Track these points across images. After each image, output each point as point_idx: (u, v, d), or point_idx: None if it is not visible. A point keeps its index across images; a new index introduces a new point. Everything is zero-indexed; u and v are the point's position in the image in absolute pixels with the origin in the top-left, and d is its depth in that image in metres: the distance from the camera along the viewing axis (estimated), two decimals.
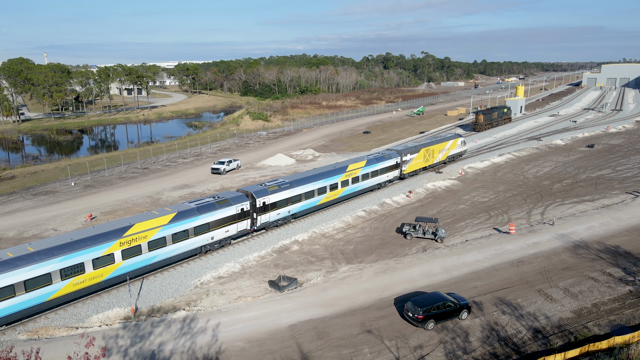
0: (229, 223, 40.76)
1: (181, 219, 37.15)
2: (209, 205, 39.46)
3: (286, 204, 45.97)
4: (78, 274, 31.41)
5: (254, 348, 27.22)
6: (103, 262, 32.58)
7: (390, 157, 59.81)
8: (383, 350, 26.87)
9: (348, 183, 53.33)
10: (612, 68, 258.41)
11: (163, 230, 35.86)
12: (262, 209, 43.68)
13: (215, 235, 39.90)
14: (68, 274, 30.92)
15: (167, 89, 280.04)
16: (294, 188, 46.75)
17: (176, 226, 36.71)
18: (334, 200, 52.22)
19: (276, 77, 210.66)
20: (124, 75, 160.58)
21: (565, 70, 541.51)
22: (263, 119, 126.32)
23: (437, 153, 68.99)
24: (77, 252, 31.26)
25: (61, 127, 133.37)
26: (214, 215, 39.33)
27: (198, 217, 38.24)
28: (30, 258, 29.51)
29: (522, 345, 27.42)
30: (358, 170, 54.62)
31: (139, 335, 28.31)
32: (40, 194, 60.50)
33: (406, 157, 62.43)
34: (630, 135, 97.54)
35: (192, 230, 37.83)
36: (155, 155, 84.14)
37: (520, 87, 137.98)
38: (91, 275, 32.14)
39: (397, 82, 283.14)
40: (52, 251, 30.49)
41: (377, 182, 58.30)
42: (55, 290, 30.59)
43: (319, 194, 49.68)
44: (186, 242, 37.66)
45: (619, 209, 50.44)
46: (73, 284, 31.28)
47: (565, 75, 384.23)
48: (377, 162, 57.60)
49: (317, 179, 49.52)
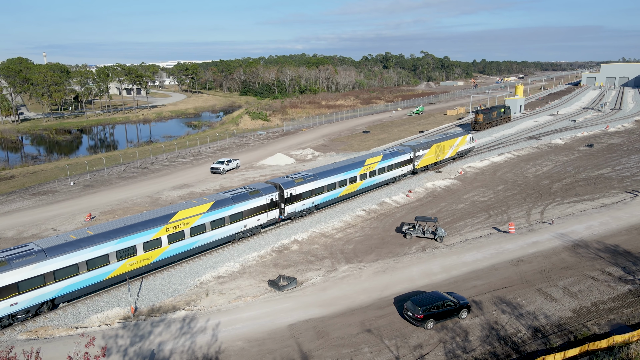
0: (260, 212, 43.54)
1: (218, 208, 39.79)
2: (242, 196, 42.15)
3: (310, 195, 48.56)
4: (131, 256, 34.03)
5: (253, 347, 27.21)
6: (152, 245, 35.19)
7: (404, 153, 62.07)
8: (383, 350, 26.86)
9: (366, 176, 55.81)
10: (611, 67, 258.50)
11: (203, 218, 38.53)
12: (289, 200, 46.29)
13: (248, 223, 42.61)
14: (123, 256, 33.54)
15: (166, 88, 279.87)
16: (317, 180, 49.24)
17: (214, 214, 39.37)
18: (352, 192, 54.75)
19: (276, 77, 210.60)
20: (123, 75, 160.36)
21: (564, 70, 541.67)
22: (262, 119, 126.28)
23: (448, 149, 71.05)
24: (130, 235, 33.88)
25: (60, 126, 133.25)
26: (247, 205, 42.07)
27: (233, 206, 40.93)
28: (91, 240, 32.12)
29: (521, 345, 27.42)
30: (375, 164, 56.98)
31: (139, 335, 28.29)
32: (39, 193, 60.43)
33: (419, 152, 64.74)
34: (630, 134, 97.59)
35: (228, 218, 40.55)
36: (154, 155, 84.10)
37: (519, 86, 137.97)
38: (142, 257, 34.78)
39: (397, 81, 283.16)
40: (109, 234, 33.07)
41: (392, 176, 60.63)
42: (112, 270, 33.26)
43: (340, 187, 52.20)
44: (223, 229, 40.38)
45: (618, 208, 50.46)
46: (127, 265, 33.98)
47: (565, 74, 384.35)
48: (392, 157, 59.92)
49: (338, 172, 51.90)
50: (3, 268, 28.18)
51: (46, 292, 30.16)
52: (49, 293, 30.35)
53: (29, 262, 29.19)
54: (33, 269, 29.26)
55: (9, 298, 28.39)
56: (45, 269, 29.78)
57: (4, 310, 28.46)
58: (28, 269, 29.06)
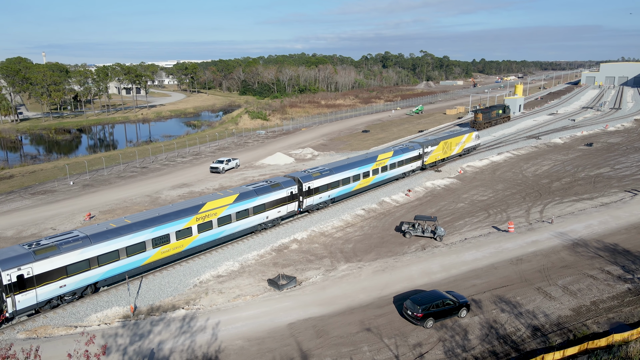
0: (281, 204, 45.43)
1: (243, 200, 41.69)
2: (264, 188, 44.11)
3: (327, 189, 50.50)
4: (165, 244, 35.98)
5: (253, 346, 27.21)
6: (183, 234, 37.09)
7: (414, 149, 63.89)
8: (382, 349, 26.88)
9: (378, 171, 57.64)
10: (610, 67, 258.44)
11: (229, 209, 40.46)
12: (307, 193, 48.24)
13: (270, 215, 44.51)
14: (158, 243, 35.48)
15: (165, 88, 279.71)
16: (332, 175, 51.03)
17: (239, 205, 41.29)
18: (365, 187, 56.51)
19: (275, 76, 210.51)
20: (123, 75, 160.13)
21: (563, 69, 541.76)
22: (262, 118, 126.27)
23: (454, 146, 72.74)
24: (164, 224, 35.82)
25: (60, 126, 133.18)
26: (269, 197, 43.97)
27: (256, 198, 42.88)
28: (129, 228, 34.05)
29: (521, 343, 27.45)
30: (386, 160, 58.79)
31: (138, 334, 28.29)
32: (38, 193, 60.41)
33: (427, 149, 66.56)
34: (629, 133, 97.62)
35: (252, 209, 42.50)
36: (154, 155, 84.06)
37: (519, 85, 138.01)
38: (174, 245, 36.69)
39: (396, 81, 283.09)
40: (145, 223, 34.98)
41: (402, 172, 62.40)
42: (148, 257, 35.19)
43: (354, 181, 54.02)
44: (247, 220, 42.28)
45: (617, 207, 50.49)
46: (161, 252, 35.90)
47: (564, 74, 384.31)
48: (402, 153, 61.77)
49: (352, 167, 53.70)
50: (53, 252, 30.13)
51: (91, 276, 32.20)
52: (93, 277, 32.40)
53: (76, 247, 31.18)
54: (80, 253, 31.26)
55: (59, 280, 30.45)
56: (91, 254, 31.81)
57: (54, 291, 30.46)
58: (75, 253, 31.03)
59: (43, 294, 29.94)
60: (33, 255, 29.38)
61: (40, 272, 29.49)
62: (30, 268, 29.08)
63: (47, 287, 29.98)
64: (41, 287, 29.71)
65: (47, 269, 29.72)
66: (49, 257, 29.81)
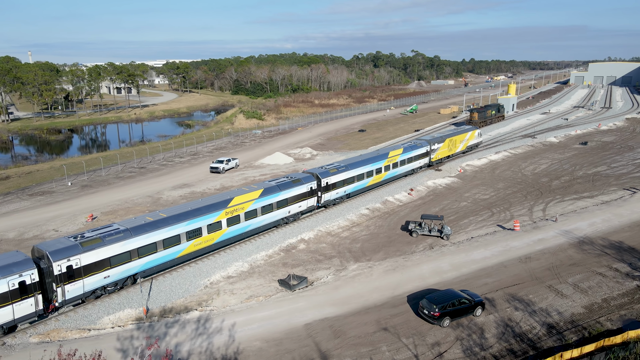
0: (301, 199, 46.68)
1: (267, 195, 42.97)
2: (286, 184, 45.35)
3: (343, 184, 51.89)
4: (197, 237, 37.11)
5: (271, 348, 27.05)
6: (214, 228, 38.29)
7: (422, 146, 65.51)
8: (401, 348, 26.89)
9: (389, 168, 59.23)
10: (598, 66, 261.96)
11: (255, 203, 41.78)
12: (325, 188, 49.57)
13: (291, 209, 45.71)
14: (191, 236, 36.60)
15: (156, 87, 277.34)
16: (348, 171, 52.48)
17: (264, 200, 42.55)
18: (378, 183, 57.96)
19: (268, 76, 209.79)
20: (115, 74, 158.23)
21: (552, 69, 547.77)
22: (257, 118, 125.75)
23: (459, 143, 74.59)
24: (197, 218, 37.00)
25: (51, 126, 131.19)
26: (291, 192, 45.18)
27: (279, 193, 44.13)
28: (166, 222, 35.27)
29: (537, 341, 27.63)
30: (397, 157, 60.36)
31: (154, 336, 27.95)
32: (36, 194, 59.50)
33: (434, 146, 68.10)
34: (622, 132, 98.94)
35: (276, 204, 43.71)
36: (151, 155, 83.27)
37: (512, 85, 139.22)
38: (206, 238, 37.85)
39: (388, 80, 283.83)
40: (179, 217, 36.13)
41: (411, 168, 64.00)
42: (183, 249, 36.30)
43: (367, 177, 55.55)
44: (271, 214, 43.51)
45: (618, 205, 51.11)
46: (194, 245, 37.08)
47: (552, 73, 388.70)
48: (411, 150, 63.39)
49: (365, 164, 55.23)
50: (98, 244, 31.27)
51: (131, 267, 33.25)
52: (133, 268, 33.43)
53: (119, 240, 32.29)
54: (122, 245, 32.37)
55: (103, 271, 31.56)
56: (132, 246, 32.94)
57: (99, 282, 31.55)
58: (118, 245, 32.14)
59: (89, 284, 31.03)
60: (80, 247, 30.44)
61: (87, 263, 30.58)
62: (79, 259, 30.15)
63: (93, 277, 31.03)
64: (88, 278, 30.78)
65: (93, 260, 30.81)
66: (94, 248, 30.92)
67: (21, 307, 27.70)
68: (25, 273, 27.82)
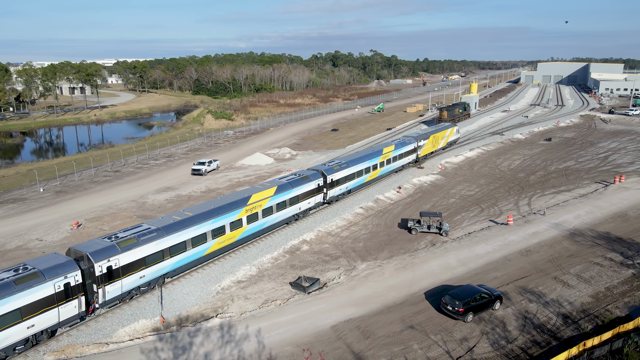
0: (310, 196, 47.40)
1: (281, 192, 43.48)
2: (297, 181, 45.97)
3: (345, 181, 52.93)
4: (221, 235, 37.30)
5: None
6: (236, 225, 38.61)
7: (410, 143, 67.64)
8: (432, 345, 27.22)
9: (384, 164, 60.77)
10: (547, 66, 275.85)
11: (271, 201, 42.26)
12: (330, 185, 50.47)
13: (302, 206, 46.39)
14: (216, 234, 36.78)
15: (110, 87, 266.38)
16: (349, 167, 53.58)
17: (278, 197, 43.10)
18: (374, 179, 59.40)
19: (230, 75, 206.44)
20: (72, 74, 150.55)
21: (499, 69, 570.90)
22: (226, 118, 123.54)
23: (441, 139, 77.54)
24: (221, 216, 37.21)
25: (5, 129, 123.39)
26: (301, 189, 45.87)
27: (291, 190, 44.68)
28: (193, 220, 35.28)
29: (556, 331, 28.72)
30: (390, 153, 61.87)
31: (180, 347, 26.91)
32: (7, 202, 55.81)
33: (421, 142, 70.49)
34: (579, 129, 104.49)
35: (288, 201, 44.29)
36: (124, 157, 79.98)
37: (474, 83, 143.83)
38: (229, 236, 38.07)
39: (348, 79, 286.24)
40: (205, 216, 36.18)
41: (401, 164, 65.85)
42: (209, 247, 36.49)
43: (365, 173, 56.86)
44: (285, 211, 44.03)
45: (596, 198, 53.93)
46: (218, 243, 37.29)
47: (500, 73, 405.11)
48: (402, 146, 65.31)
49: (364, 160, 56.48)
50: (134, 244, 31.04)
51: (164, 267, 33.08)
52: (165, 267, 33.24)
53: (153, 239, 32.18)
54: (156, 245, 32.24)
55: (140, 271, 31.35)
56: (165, 245, 32.83)
57: (135, 282, 31.31)
58: (152, 245, 32.01)
59: (127, 285, 30.78)
60: (118, 248, 30.14)
61: (125, 264, 30.31)
62: (117, 260, 29.85)
63: (130, 277, 30.81)
64: (126, 278, 30.54)
65: (130, 260, 30.57)
66: (131, 248, 30.68)
67: (66, 310, 27.31)
68: (69, 275, 27.45)
